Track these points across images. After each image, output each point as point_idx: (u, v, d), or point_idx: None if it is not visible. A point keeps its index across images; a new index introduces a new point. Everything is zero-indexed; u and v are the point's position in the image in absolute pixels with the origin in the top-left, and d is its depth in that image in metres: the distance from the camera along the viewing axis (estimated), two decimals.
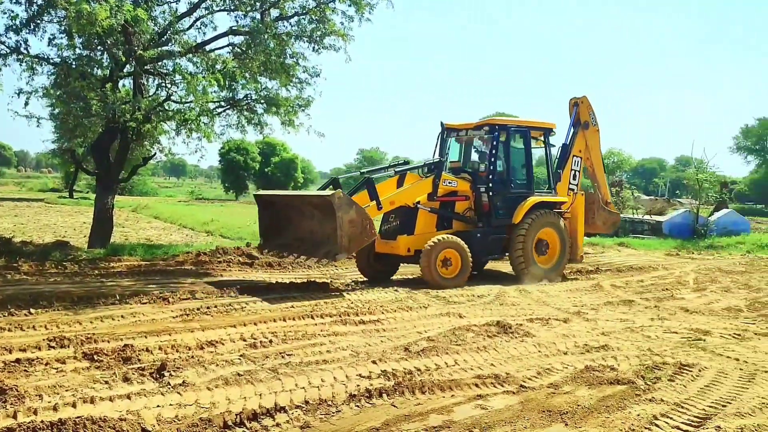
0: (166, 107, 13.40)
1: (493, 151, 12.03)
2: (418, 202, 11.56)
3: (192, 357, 6.00)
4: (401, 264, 12.23)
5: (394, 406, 4.88)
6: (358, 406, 4.86)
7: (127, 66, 12.85)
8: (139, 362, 5.76)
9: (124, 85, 14.36)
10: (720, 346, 7.14)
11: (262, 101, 14.40)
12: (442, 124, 12.76)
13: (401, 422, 4.56)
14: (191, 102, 12.99)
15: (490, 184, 11.95)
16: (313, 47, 13.38)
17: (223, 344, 6.52)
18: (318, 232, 10.46)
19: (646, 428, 4.57)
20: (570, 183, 13.46)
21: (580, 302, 9.83)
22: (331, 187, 11.16)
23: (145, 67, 12.85)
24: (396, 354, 6.35)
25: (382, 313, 8.35)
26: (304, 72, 13.89)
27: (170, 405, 4.73)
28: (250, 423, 4.45)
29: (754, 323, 8.51)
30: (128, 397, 4.83)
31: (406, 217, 11.54)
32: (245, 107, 14.61)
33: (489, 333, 7.32)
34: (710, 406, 5.06)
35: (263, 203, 11.73)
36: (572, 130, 13.87)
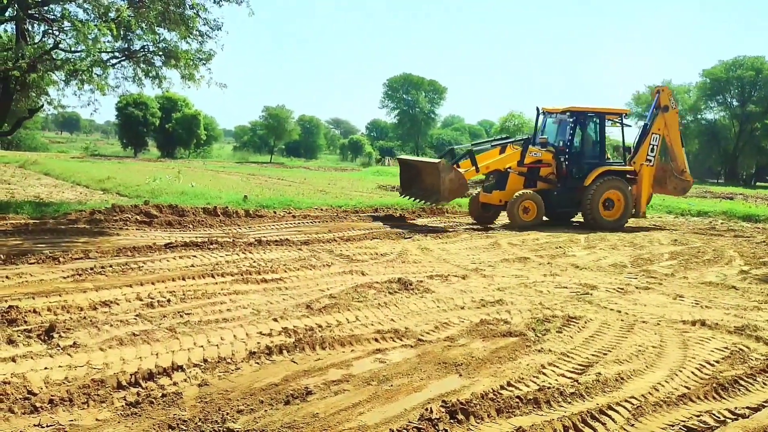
0: (54, 56, 12.53)
1: (571, 131, 15.83)
2: (510, 167, 15.46)
3: (84, 318, 5.78)
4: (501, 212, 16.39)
5: (294, 362, 4.92)
6: (257, 363, 4.86)
7: (9, 9, 11.88)
8: (25, 324, 5.48)
9: (6, 31, 13.30)
10: (605, 299, 7.62)
11: (161, 53, 13.75)
12: (538, 108, 16.61)
13: (300, 377, 4.61)
14: (82, 51, 12.19)
15: (567, 155, 15.77)
16: None
17: (118, 304, 6.31)
18: (429, 186, 14.94)
19: (534, 377, 4.84)
20: (648, 155, 16.49)
21: (478, 259, 10.17)
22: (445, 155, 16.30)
23: (30, 12, 11.93)
24: (298, 311, 6.37)
25: (285, 271, 8.30)
26: (204, 24, 13.39)
27: (59, 367, 4.56)
28: (146, 383, 4.37)
29: (636, 278, 9.12)
30: (13, 359, 4.61)
31: (500, 177, 15.63)
32: (142, 59, 13.90)
33: (390, 290, 7.47)
34: (593, 355, 5.41)
35: (402, 164, 16.70)
36: (654, 112, 16.82)
